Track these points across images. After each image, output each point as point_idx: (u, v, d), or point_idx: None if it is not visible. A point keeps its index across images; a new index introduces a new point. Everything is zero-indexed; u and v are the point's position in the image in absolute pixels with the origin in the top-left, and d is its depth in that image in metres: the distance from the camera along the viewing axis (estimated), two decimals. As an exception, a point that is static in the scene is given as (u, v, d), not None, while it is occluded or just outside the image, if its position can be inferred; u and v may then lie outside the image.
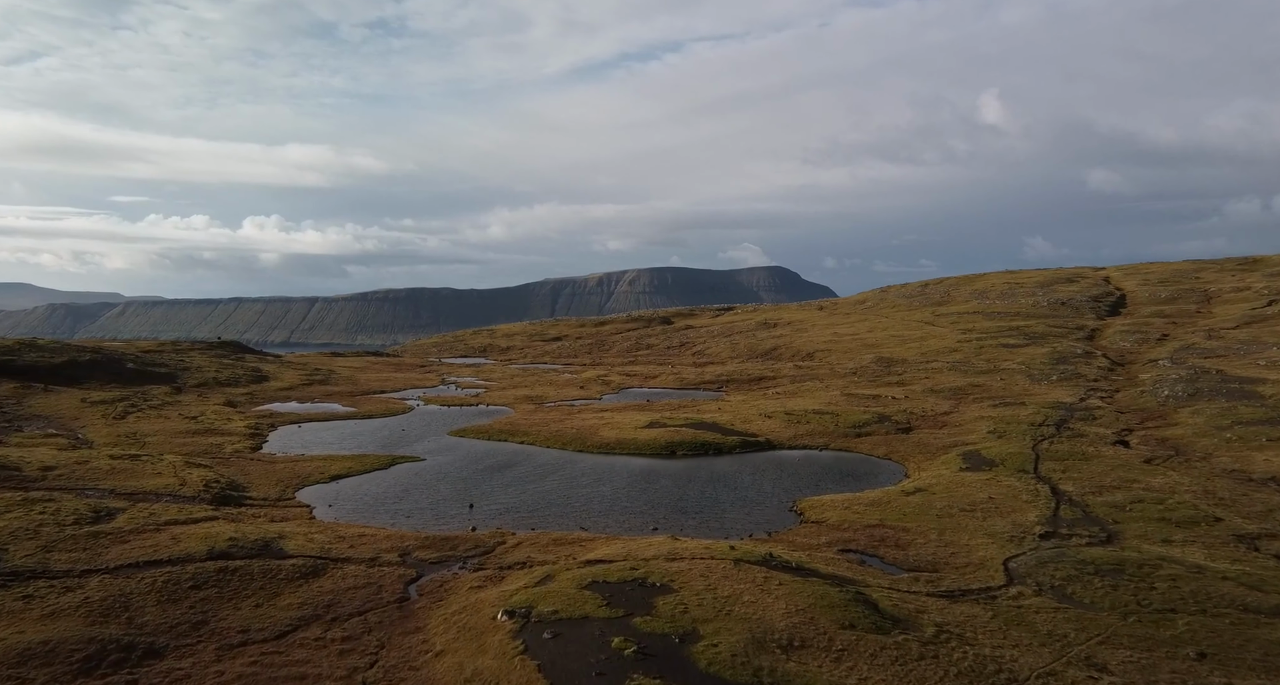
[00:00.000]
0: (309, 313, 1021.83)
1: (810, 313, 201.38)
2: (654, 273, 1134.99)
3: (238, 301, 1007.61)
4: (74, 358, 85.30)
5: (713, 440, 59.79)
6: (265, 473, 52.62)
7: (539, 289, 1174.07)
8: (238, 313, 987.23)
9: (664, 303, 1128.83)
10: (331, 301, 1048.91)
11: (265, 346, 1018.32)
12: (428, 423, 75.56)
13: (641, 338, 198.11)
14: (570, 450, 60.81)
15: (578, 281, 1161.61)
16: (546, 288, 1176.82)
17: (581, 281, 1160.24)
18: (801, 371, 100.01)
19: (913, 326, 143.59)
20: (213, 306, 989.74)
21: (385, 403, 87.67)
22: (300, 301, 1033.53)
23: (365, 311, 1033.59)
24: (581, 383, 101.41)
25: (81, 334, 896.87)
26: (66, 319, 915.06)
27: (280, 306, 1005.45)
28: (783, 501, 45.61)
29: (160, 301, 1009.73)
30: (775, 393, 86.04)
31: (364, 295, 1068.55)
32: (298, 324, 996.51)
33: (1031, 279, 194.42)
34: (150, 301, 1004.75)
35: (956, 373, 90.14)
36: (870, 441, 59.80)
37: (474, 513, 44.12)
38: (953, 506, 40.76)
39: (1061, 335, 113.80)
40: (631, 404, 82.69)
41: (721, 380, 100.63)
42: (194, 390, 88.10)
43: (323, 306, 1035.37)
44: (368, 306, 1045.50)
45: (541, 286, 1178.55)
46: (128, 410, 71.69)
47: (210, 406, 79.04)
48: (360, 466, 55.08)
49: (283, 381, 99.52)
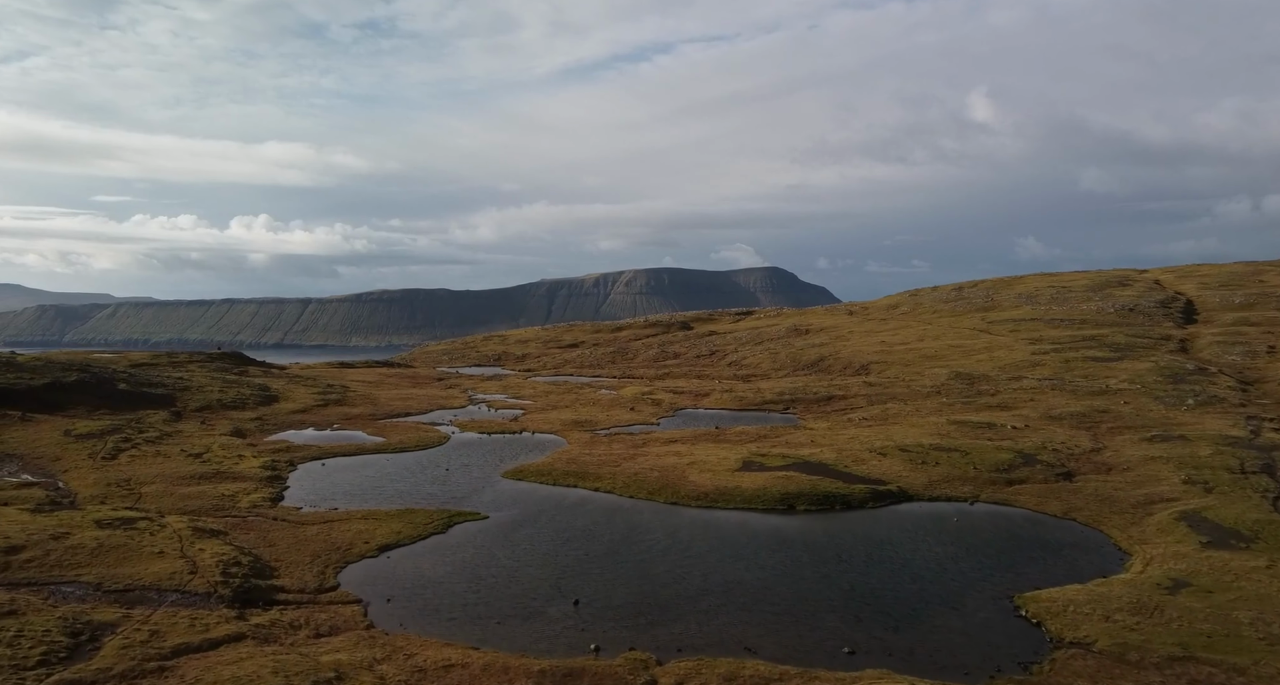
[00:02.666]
0: (302, 314, 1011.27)
1: (840, 318, 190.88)
2: (651, 273, 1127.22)
3: (230, 303, 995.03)
4: (58, 378, 74.14)
5: (835, 490, 48.87)
6: (295, 541, 41.65)
7: (535, 289, 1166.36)
8: (230, 314, 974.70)
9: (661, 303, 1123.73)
10: (325, 303, 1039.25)
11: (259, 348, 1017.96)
12: (471, 457, 64.63)
13: (665, 345, 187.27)
14: (661, 501, 49.88)
15: (574, 282, 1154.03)
16: (543, 288, 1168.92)
17: (578, 282, 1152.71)
18: (875, 390, 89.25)
19: (967, 334, 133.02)
20: (205, 308, 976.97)
21: (415, 430, 76.70)
22: (294, 303, 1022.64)
23: (360, 313, 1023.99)
24: (629, 403, 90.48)
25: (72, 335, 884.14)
26: (57, 320, 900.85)
27: (274, 308, 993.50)
28: (991, 595, 34.49)
29: (151, 302, 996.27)
30: (861, 418, 75.28)
31: (358, 296, 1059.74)
32: (291, 325, 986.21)
33: (1077, 282, 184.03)
34: (141, 302, 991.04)
35: (1062, 393, 79.41)
36: (1030, 492, 48.85)
37: (581, 612, 33.16)
38: (1264, 617, 29.90)
39: (1149, 347, 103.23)
40: (701, 433, 71.82)
41: (785, 399, 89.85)
42: (195, 415, 77.00)
43: (316, 308, 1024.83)
44: (362, 308, 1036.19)
45: (538, 287, 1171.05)
46: (119, 446, 60.54)
47: (216, 438, 67.98)
48: (411, 529, 44.12)
49: (295, 402, 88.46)
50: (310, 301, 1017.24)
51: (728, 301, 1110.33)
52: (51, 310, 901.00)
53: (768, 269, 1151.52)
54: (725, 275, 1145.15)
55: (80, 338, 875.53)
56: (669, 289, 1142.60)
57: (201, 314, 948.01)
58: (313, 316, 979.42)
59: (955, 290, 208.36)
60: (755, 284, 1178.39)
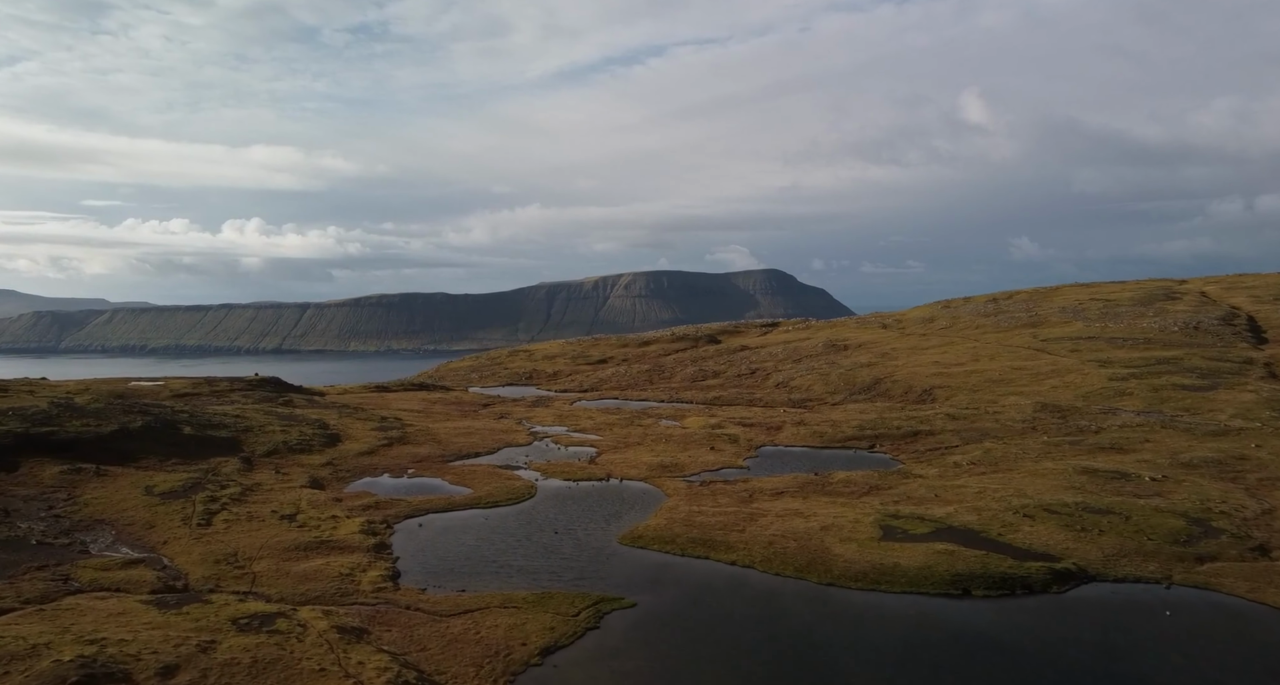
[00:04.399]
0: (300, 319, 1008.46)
1: (875, 332, 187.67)
2: (650, 276, 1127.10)
3: (228, 308, 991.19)
4: (124, 425, 70.49)
5: (1009, 570, 45.30)
6: (444, 642, 38.07)
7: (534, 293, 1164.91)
8: (228, 319, 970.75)
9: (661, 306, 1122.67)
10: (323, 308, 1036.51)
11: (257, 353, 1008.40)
12: (571, 514, 61.05)
13: (698, 361, 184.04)
14: (814, 581, 46.29)
15: (572, 285, 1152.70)
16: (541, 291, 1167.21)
17: (576, 285, 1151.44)
18: (961, 424, 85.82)
19: (1025, 355, 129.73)
20: (202, 313, 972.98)
21: (494, 476, 73.10)
22: (292, 307, 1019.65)
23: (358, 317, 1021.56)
24: (704, 439, 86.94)
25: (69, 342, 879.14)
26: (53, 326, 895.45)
27: (271, 313, 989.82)
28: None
29: (148, 308, 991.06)
30: (969, 463, 71.81)
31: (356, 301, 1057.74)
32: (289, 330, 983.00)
33: (1119, 294, 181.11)
34: (138, 308, 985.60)
35: (1174, 432, 75.99)
36: (1231, 573, 45.03)
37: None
38: None
39: (1235, 372, 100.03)
40: (803, 480, 68.21)
41: (867, 435, 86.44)
42: (266, 463, 73.40)
43: (314, 313, 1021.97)
44: (360, 312, 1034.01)
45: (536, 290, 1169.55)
46: (209, 509, 56.91)
47: (297, 491, 64.44)
48: (562, 623, 40.41)
49: (358, 441, 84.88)
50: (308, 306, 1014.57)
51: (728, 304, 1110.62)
52: (48, 317, 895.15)
53: (767, 271, 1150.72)
54: (724, 278, 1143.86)
55: (77, 344, 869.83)
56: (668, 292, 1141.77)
57: (199, 319, 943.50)
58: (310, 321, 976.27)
59: (991, 302, 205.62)
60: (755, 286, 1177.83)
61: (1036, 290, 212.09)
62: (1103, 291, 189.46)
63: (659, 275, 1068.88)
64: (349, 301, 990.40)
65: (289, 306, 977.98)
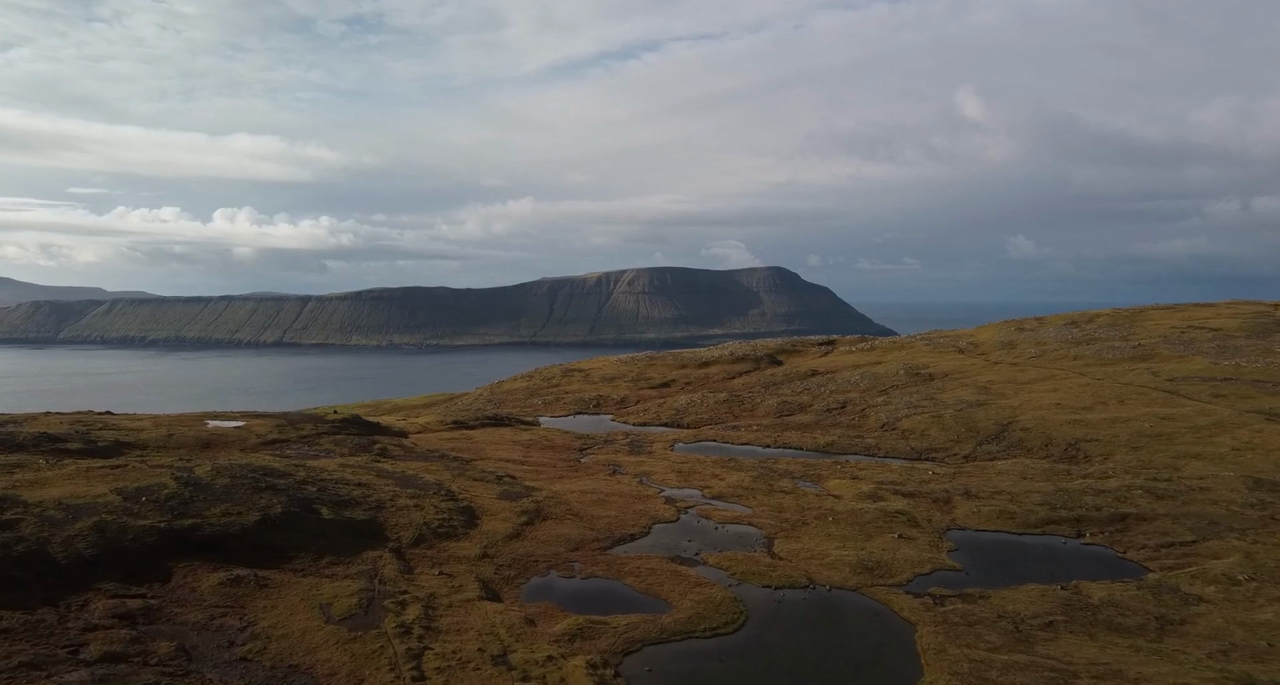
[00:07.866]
0: (301, 312, 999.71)
1: (955, 357, 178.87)
2: (653, 273, 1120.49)
3: (228, 300, 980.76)
4: (265, 513, 61.25)
5: None
6: None
7: (536, 288, 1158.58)
8: (228, 311, 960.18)
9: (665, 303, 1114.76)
10: (324, 300, 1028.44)
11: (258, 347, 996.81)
12: (808, 653, 52.21)
13: (774, 388, 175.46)
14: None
15: (575, 281, 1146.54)
16: (544, 287, 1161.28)
17: (579, 281, 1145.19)
18: (1175, 508, 76.35)
19: (1156, 398, 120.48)
20: (202, 304, 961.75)
21: (679, 578, 64.11)
22: (292, 300, 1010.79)
23: (359, 311, 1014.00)
24: (883, 521, 77.80)
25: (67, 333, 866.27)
26: (51, 317, 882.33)
27: (273, 305, 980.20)
28: None
29: (147, 299, 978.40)
30: (1245, 579, 62.41)
31: (358, 294, 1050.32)
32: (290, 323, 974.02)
33: (1214, 320, 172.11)
34: (137, 299, 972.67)
35: None
36: None
37: None
38: None
39: None
40: (1064, 602, 59.15)
41: (1064, 518, 77.09)
42: (420, 557, 64.33)
43: (315, 306, 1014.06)
44: (361, 306, 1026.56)
45: (539, 286, 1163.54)
46: (409, 647, 47.78)
47: (482, 608, 55.40)
48: None
49: (495, 517, 75.87)
50: (309, 299, 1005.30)
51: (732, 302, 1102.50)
52: (45, 307, 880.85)
53: (770, 269, 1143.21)
54: (728, 275, 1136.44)
55: (76, 335, 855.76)
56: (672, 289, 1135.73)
57: (199, 311, 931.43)
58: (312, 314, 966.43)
59: (1071, 325, 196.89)
60: (758, 284, 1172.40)
61: (1117, 312, 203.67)
62: (1196, 317, 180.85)
63: (662, 272, 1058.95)
64: (350, 295, 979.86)
65: (290, 299, 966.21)
